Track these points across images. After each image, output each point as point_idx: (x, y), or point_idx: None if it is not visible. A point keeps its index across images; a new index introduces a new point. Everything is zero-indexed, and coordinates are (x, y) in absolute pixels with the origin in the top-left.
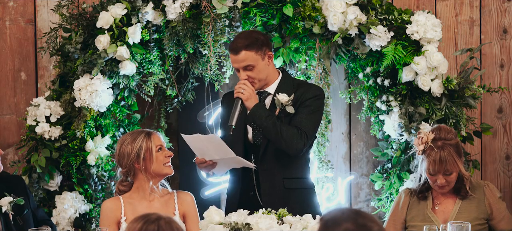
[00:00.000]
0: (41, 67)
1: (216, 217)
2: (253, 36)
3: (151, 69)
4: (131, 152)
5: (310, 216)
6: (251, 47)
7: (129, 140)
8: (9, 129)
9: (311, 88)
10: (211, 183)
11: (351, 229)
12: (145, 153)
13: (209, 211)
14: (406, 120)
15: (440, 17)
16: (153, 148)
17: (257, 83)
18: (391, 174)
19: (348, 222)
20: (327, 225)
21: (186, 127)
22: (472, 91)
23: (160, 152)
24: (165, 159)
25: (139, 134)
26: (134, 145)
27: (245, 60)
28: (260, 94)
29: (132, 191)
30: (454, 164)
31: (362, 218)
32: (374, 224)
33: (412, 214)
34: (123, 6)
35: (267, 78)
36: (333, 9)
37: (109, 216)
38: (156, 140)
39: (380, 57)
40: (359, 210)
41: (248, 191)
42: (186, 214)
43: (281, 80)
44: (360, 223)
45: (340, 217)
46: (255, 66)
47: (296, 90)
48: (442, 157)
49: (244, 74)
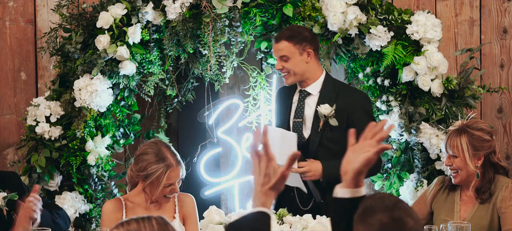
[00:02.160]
0: (41, 67)
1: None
2: (297, 30)
3: (151, 69)
4: (144, 169)
5: (310, 216)
6: (291, 39)
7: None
8: (9, 129)
9: (357, 100)
10: (211, 183)
11: (385, 222)
12: (154, 181)
13: (209, 211)
14: (406, 120)
15: (440, 17)
16: (163, 182)
17: (292, 76)
18: (391, 174)
19: (384, 213)
20: (364, 212)
21: (186, 127)
22: (472, 91)
23: (168, 188)
24: (169, 192)
25: (162, 161)
26: (151, 168)
27: (282, 50)
28: (300, 93)
29: (133, 193)
30: (459, 148)
31: (398, 210)
32: (410, 218)
33: (438, 204)
34: (123, 6)
35: (304, 75)
36: (333, 9)
37: (111, 217)
38: (171, 177)
39: (380, 57)
40: (399, 200)
41: (289, 191)
42: (186, 216)
43: (323, 82)
44: (395, 216)
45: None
46: (290, 59)
47: (337, 97)
48: (452, 134)
49: (279, 64)
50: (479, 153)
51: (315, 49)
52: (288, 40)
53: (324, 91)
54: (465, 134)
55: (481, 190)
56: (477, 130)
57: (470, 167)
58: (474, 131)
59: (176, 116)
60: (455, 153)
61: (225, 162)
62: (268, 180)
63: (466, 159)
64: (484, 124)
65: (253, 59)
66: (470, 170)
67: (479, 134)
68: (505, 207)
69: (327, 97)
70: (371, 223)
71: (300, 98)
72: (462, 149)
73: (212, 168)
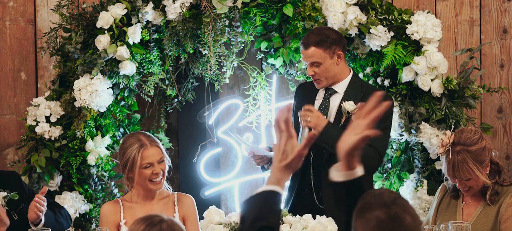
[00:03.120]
0: (41, 67)
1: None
2: (325, 33)
3: (151, 69)
4: (122, 158)
5: (310, 216)
6: (321, 45)
7: (125, 145)
8: (9, 129)
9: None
10: (211, 183)
11: (382, 218)
12: (132, 165)
13: (209, 211)
14: (406, 120)
15: (440, 17)
16: (138, 162)
17: (324, 81)
18: (391, 174)
19: (381, 210)
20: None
21: (186, 127)
22: (472, 91)
23: (147, 169)
24: (152, 175)
25: (134, 143)
26: (126, 153)
27: (313, 56)
28: (326, 90)
29: (131, 193)
30: (469, 171)
31: (396, 207)
32: (407, 215)
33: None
34: (123, 6)
35: (335, 77)
36: (333, 9)
37: (109, 220)
38: (146, 156)
39: (380, 57)
40: (398, 197)
41: (304, 187)
42: (186, 217)
43: (350, 81)
44: (392, 212)
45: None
46: (322, 64)
47: (363, 97)
48: (455, 162)
49: (311, 70)
50: (485, 163)
51: (343, 49)
52: (318, 46)
53: (350, 90)
54: (466, 154)
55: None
56: (472, 144)
57: (485, 181)
58: (470, 147)
59: (176, 115)
60: (467, 177)
61: (225, 162)
62: (285, 157)
63: (479, 177)
64: (468, 130)
65: (253, 59)
66: (485, 182)
67: (476, 147)
68: (507, 216)
69: (353, 96)
70: (368, 219)
71: (326, 96)
72: (472, 171)
73: (212, 168)
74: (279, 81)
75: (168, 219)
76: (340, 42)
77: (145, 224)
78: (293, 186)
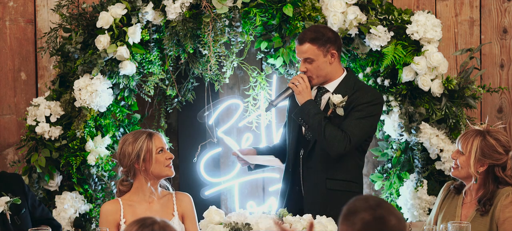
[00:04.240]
0: (41, 67)
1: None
2: (321, 31)
3: (151, 69)
4: (131, 152)
5: (310, 216)
6: (315, 42)
7: (130, 140)
8: (9, 129)
9: (368, 93)
10: (211, 183)
11: (367, 220)
12: (146, 154)
13: (209, 211)
14: (406, 120)
15: (440, 17)
16: (153, 149)
17: (315, 78)
18: (391, 174)
19: (366, 212)
20: (348, 212)
21: (186, 127)
22: (472, 91)
23: (160, 154)
24: (165, 160)
25: (141, 134)
26: (135, 146)
27: (306, 52)
28: (318, 89)
29: (132, 193)
30: (468, 148)
31: (381, 209)
32: (392, 217)
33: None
34: (123, 6)
35: (327, 76)
36: (333, 9)
37: (109, 219)
38: (158, 142)
39: (380, 57)
40: (382, 201)
41: (294, 185)
42: (185, 214)
43: (342, 81)
44: (377, 214)
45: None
46: (315, 61)
47: (353, 93)
48: (468, 133)
49: (303, 66)
50: (485, 160)
51: (338, 49)
52: (312, 43)
53: (341, 88)
54: (481, 137)
55: (482, 201)
56: (494, 138)
57: (471, 168)
58: (491, 138)
59: (176, 115)
60: (463, 150)
61: (225, 162)
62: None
63: (470, 159)
64: (505, 137)
65: (253, 59)
66: (470, 172)
67: (493, 142)
68: (504, 218)
69: (343, 92)
70: (354, 222)
71: (318, 95)
72: (470, 149)
73: (212, 168)
74: (279, 81)
75: (161, 221)
76: (335, 42)
77: (138, 226)
78: (285, 189)
